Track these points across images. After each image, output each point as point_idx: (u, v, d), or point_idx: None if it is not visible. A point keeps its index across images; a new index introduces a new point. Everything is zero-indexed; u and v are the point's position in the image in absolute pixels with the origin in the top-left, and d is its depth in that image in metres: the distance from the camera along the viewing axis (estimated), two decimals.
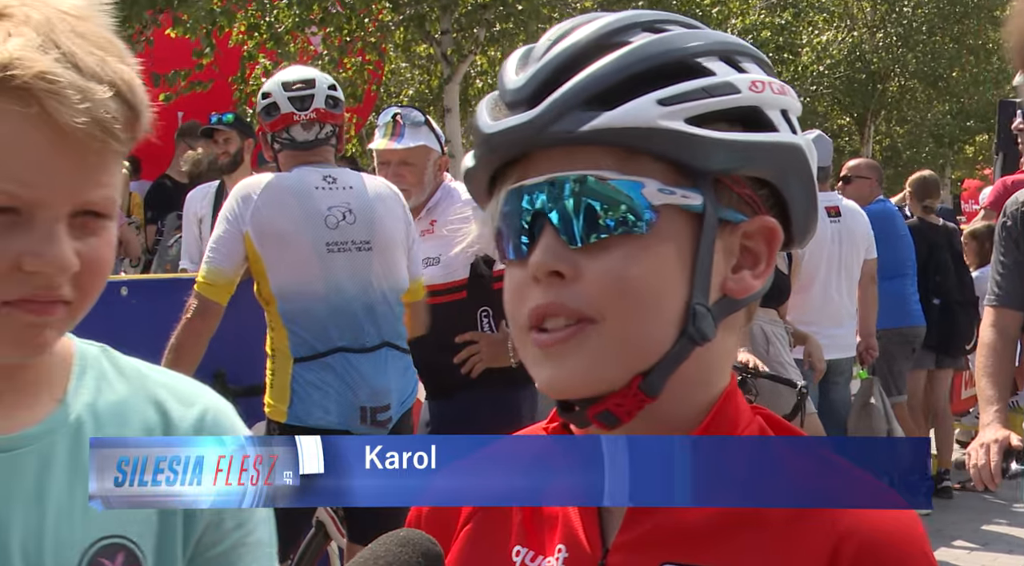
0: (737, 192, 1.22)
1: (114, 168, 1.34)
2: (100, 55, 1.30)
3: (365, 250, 4.58)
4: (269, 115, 4.68)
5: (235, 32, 14.06)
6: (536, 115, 1.19)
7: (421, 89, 18.42)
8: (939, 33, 27.52)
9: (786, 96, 1.25)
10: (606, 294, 1.18)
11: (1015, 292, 4.10)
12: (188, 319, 4.40)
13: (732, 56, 1.24)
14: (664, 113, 1.17)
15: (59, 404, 1.43)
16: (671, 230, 1.19)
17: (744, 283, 1.24)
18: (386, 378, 4.55)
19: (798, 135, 1.25)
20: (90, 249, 1.33)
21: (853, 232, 7.60)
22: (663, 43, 1.21)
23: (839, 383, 7.65)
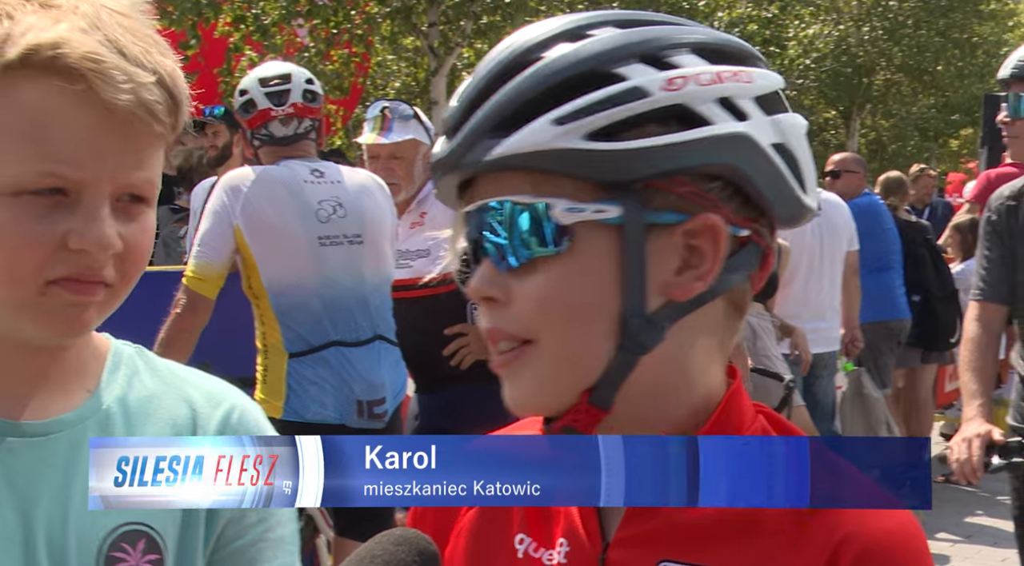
0: (676, 192, 1.19)
1: (156, 154, 1.37)
2: (144, 46, 1.33)
3: (357, 243, 4.57)
4: (247, 112, 4.67)
5: (221, 24, 14.04)
6: (453, 146, 1.22)
7: (408, 81, 18.40)
8: (925, 27, 27.61)
9: (724, 83, 1.20)
10: (535, 316, 1.19)
11: (999, 286, 4.11)
12: (178, 314, 4.38)
13: (657, 54, 1.20)
14: (560, 133, 1.16)
15: (91, 395, 1.46)
16: (592, 246, 1.18)
17: (685, 286, 1.20)
18: (380, 371, 4.56)
19: (750, 120, 1.20)
20: (131, 233, 1.35)
21: (834, 225, 7.62)
22: (571, 56, 1.19)
23: (823, 377, 7.67)
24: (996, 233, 4.09)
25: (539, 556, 1.28)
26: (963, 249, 9.57)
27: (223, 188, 4.46)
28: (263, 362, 4.52)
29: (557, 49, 1.20)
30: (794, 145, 1.23)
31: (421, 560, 1.08)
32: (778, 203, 1.23)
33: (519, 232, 1.19)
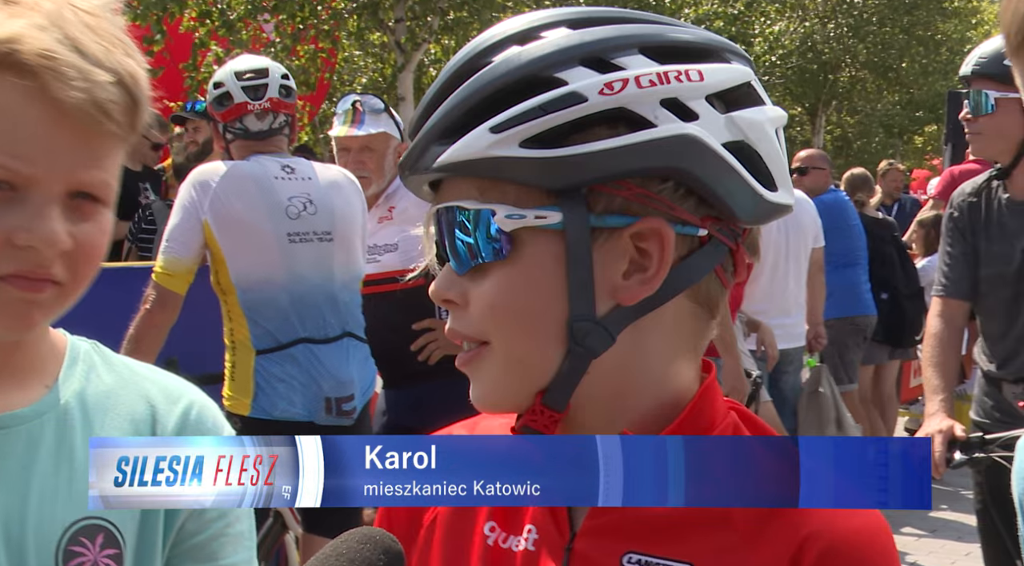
0: (621, 196, 1.18)
1: (113, 155, 1.37)
2: (105, 46, 1.33)
3: (327, 240, 4.56)
4: (221, 105, 4.64)
5: (186, 19, 13.97)
6: (409, 150, 1.24)
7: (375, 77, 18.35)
8: (889, 24, 27.77)
9: (669, 84, 1.18)
10: (485, 319, 1.21)
11: (961, 282, 4.15)
12: (147, 310, 4.36)
13: (602, 55, 1.19)
14: (496, 141, 1.17)
15: (48, 390, 1.46)
16: (535, 251, 1.19)
17: (630, 290, 1.20)
18: (349, 368, 4.54)
19: (696, 120, 1.18)
20: (83, 233, 1.35)
21: (800, 222, 7.65)
22: (511, 61, 1.19)
23: (789, 372, 7.70)
24: (958, 230, 4.13)
25: (507, 545, 1.29)
26: (926, 245, 9.64)
27: (191, 183, 4.43)
28: (231, 359, 4.50)
29: (505, 53, 1.20)
30: (756, 141, 1.22)
31: (387, 558, 1.08)
32: (736, 202, 1.21)
33: (467, 238, 1.20)
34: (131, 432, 1.48)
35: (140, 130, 1.40)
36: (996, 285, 4.07)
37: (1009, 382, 4.06)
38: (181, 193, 4.45)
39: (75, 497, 1.42)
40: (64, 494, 1.41)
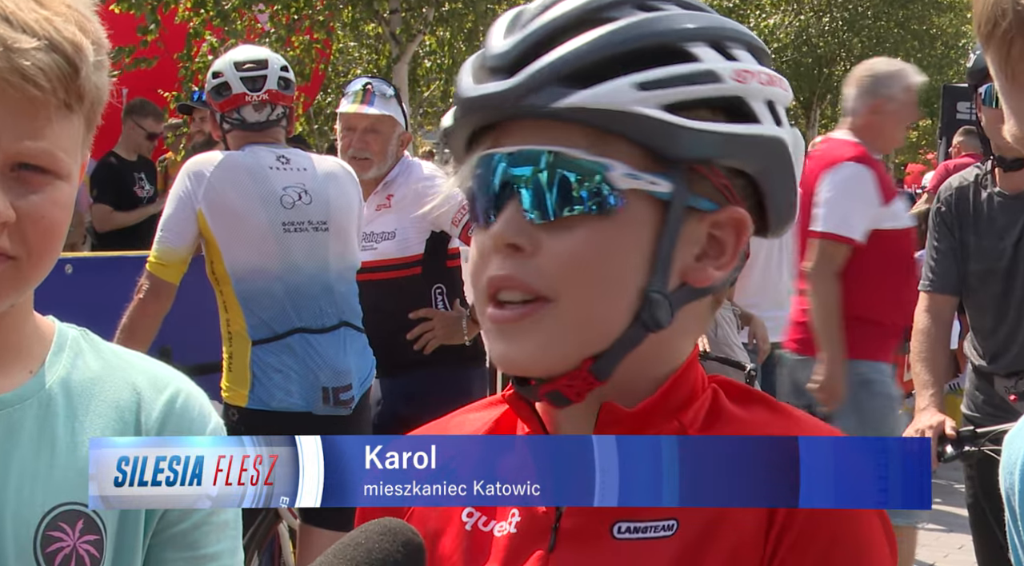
0: (712, 181, 1.21)
1: (56, 124, 1.35)
2: (45, 15, 1.32)
3: (322, 230, 4.56)
4: (219, 95, 4.64)
5: (181, 9, 13.92)
6: (512, 86, 1.19)
7: (369, 68, 18.30)
8: (884, 18, 27.76)
9: (774, 87, 1.23)
10: (562, 273, 1.19)
11: (948, 277, 4.16)
12: (140, 299, 4.36)
13: (722, 42, 1.22)
14: (640, 98, 1.17)
15: (32, 376, 1.46)
16: (635, 214, 1.19)
17: (705, 273, 1.23)
18: (346, 358, 4.54)
19: (783, 127, 1.24)
20: (30, 205, 1.34)
21: None
22: (649, 24, 1.20)
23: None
24: (945, 224, 4.13)
25: (489, 529, 1.28)
26: (920, 239, 9.64)
27: (186, 173, 4.44)
28: (227, 350, 4.50)
29: (630, 14, 1.21)
30: (800, 159, 1.27)
31: (405, 551, 1.07)
32: (781, 211, 1.27)
33: (566, 186, 1.18)
34: (115, 419, 1.47)
35: (91, 99, 1.38)
36: (986, 280, 4.08)
37: (1000, 376, 4.07)
38: (176, 183, 4.46)
39: (55, 483, 1.41)
40: (44, 480, 1.41)
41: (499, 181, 1.21)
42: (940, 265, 4.17)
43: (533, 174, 1.19)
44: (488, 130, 1.23)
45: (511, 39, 1.22)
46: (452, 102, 1.27)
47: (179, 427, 1.50)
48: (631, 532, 1.20)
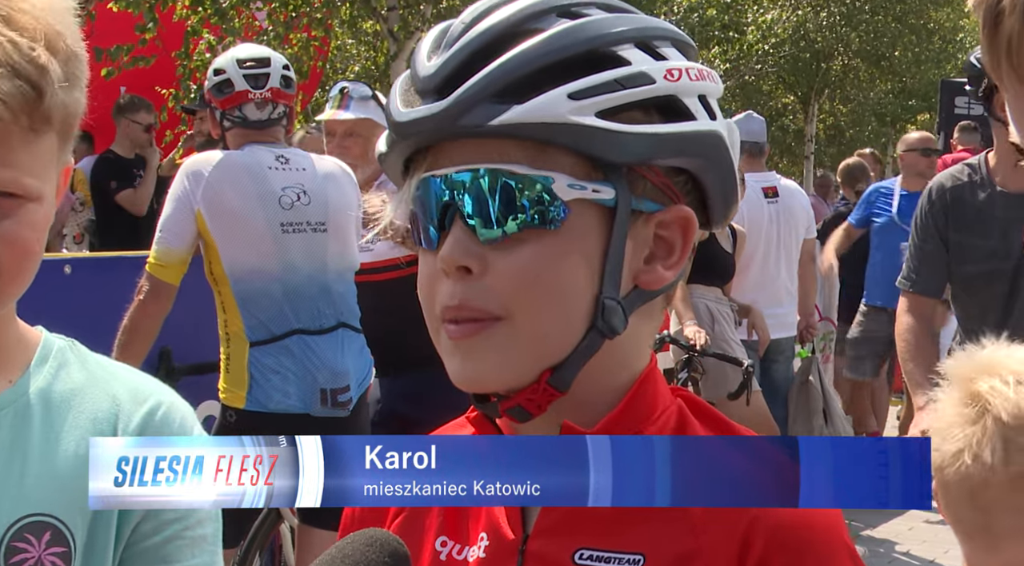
0: (652, 181, 1.21)
1: (24, 148, 1.34)
2: (10, 37, 1.30)
3: (321, 231, 4.55)
4: (221, 92, 4.63)
5: (179, 7, 13.90)
6: (445, 107, 1.18)
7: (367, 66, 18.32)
8: (882, 13, 27.74)
9: (704, 81, 1.23)
10: (514, 291, 1.19)
11: (932, 279, 4.13)
12: (141, 301, 4.36)
13: (649, 42, 1.22)
14: (574, 107, 1.16)
15: (11, 385, 1.45)
16: (582, 224, 1.19)
17: (656, 274, 1.23)
18: (344, 359, 4.53)
19: (717, 120, 1.23)
20: (3, 231, 1.34)
21: (791, 212, 7.66)
22: (577, 32, 1.19)
23: (779, 361, 7.72)
24: (936, 225, 4.08)
25: (461, 557, 1.28)
26: None
27: (184, 173, 4.43)
28: (225, 351, 4.49)
29: (555, 23, 1.20)
30: (737, 148, 1.27)
31: (392, 561, 1.07)
32: (721, 202, 1.27)
33: (510, 202, 1.18)
34: (91, 431, 1.46)
35: (61, 118, 1.37)
36: (991, 280, 4.03)
37: None
38: (174, 183, 4.45)
39: (24, 493, 1.40)
40: (13, 490, 1.40)
41: (441, 203, 1.20)
42: (924, 266, 4.13)
43: (475, 194, 1.18)
44: (424, 151, 1.23)
45: (437, 59, 1.21)
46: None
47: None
48: (593, 561, 1.20)
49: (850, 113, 31.81)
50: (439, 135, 1.20)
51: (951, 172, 4.14)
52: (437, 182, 1.20)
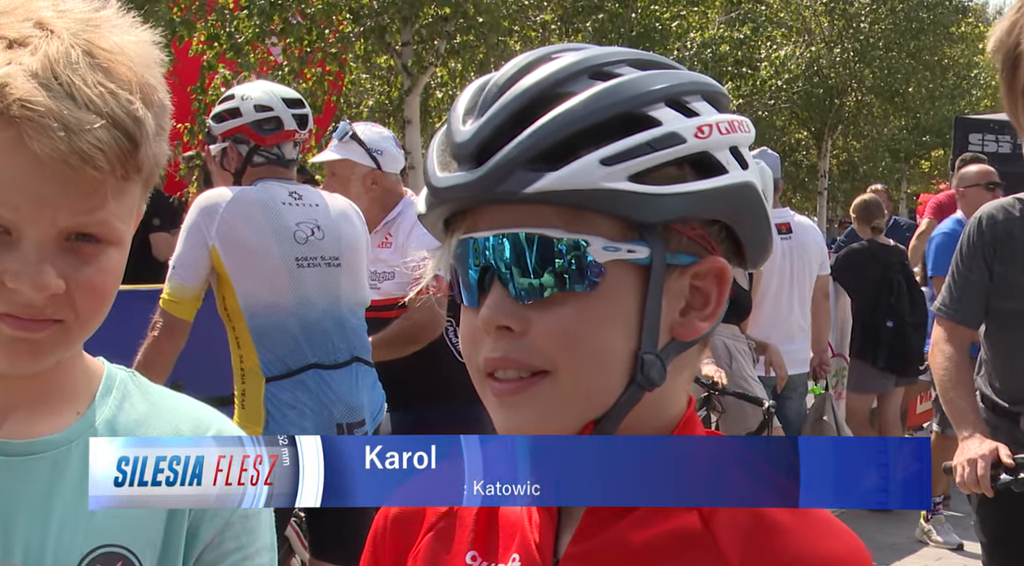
0: (688, 235, 1.23)
1: (112, 195, 1.36)
2: (111, 88, 1.33)
3: (334, 266, 4.55)
4: (262, 128, 4.59)
5: (195, 42, 14.00)
6: (480, 176, 1.20)
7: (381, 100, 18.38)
8: (895, 49, 27.79)
9: (735, 133, 1.24)
10: (556, 348, 1.21)
11: (974, 311, 4.04)
12: (155, 337, 4.35)
13: (680, 98, 1.24)
14: (607, 173, 1.18)
15: (80, 417, 1.48)
16: (618, 283, 1.21)
17: (692, 326, 1.25)
18: (359, 393, 4.52)
19: (749, 169, 1.25)
20: (82, 275, 1.36)
21: (805, 248, 7.64)
22: (607, 95, 1.21)
23: (792, 398, 7.69)
24: (982, 255, 3.95)
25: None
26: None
27: (197, 209, 4.41)
28: (240, 387, 4.47)
29: (588, 85, 1.22)
30: (768, 191, 1.29)
31: None
32: (757, 247, 1.29)
33: (547, 265, 1.20)
34: None
35: (149, 168, 1.40)
36: None
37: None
38: (187, 219, 4.43)
39: (96, 525, 1.43)
40: (85, 521, 1.43)
41: (480, 265, 1.23)
42: (968, 296, 4.02)
43: (513, 256, 1.21)
44: (463, 212, 1.25)
45: (472, 125, 1.23)
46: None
47: None
48: None
49: (864, 149, 31.82)
50: (476, 200, 1.23)
51: (1002, 204, 4.03)
52: (476, 243, 1.23)
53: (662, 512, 1.21)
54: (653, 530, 1.21)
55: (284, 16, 14.36)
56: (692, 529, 1.20)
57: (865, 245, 9.18)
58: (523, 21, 16.94)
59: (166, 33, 5.49)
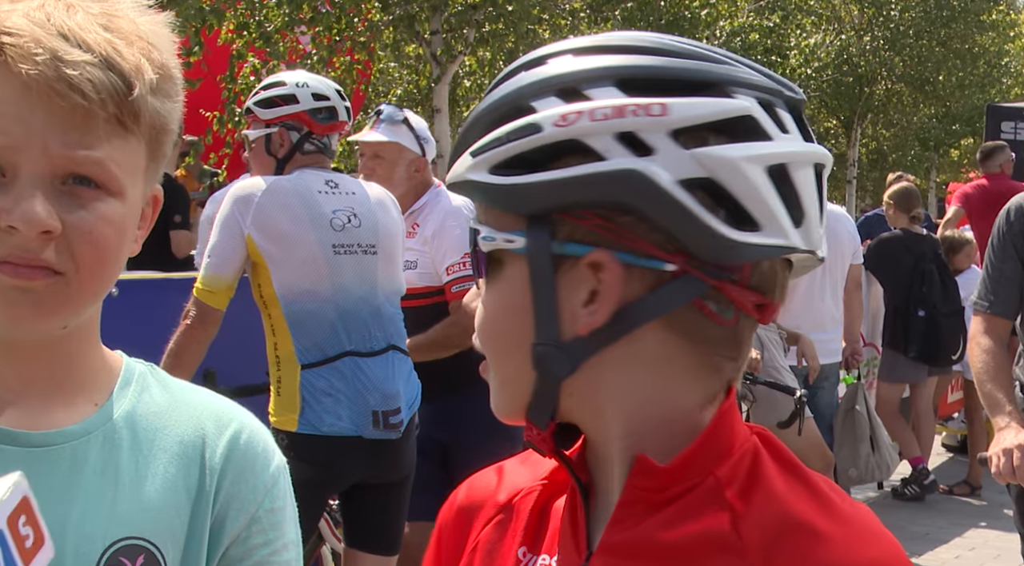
0: (582, 224, 1.19)
1: (107, 139, 1.34)
2: (108, 37, 1.33)
3: (371, 254, 4.55)
4: (318, 117, 4.62)
5: (224, 31, 14.03)
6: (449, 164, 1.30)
7: (410, 89, 18.40)
8: (926, 37, 27.61)
9: (623, 118, 1.17)
10: (477, 334, 1.29)
11: (1010, 303, 4.06)
12: (188, 326, 4.36)
13: (575, 87, 1.20)
14: (472, 164, 1.23)
15: (98, 409, 1.46)
16: (510, 272, 1.23)
17: (585, 319, 1.20)
18: (394, 381, 4.51)
19: (653, 155, 1.17)
20: (78, 219, 1.33)
21: (837, 237, 7.60)
22: (503, 88, 1.25)
23: (824, 388, 7.67)
24: (1015, 246, 4.00)
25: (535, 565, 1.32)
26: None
27: (232, 199, 4.42)
28: (276, 374, 4.47)
29: (516, 78, 1.26)
30: (726, 179, 1.18)
31: None
32: (690, 240, 1.18)
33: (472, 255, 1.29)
34: (179, 454, 1.47)
35: (150, 122, 1.38)
36: None
37: None
38: (222, 209, 4.44)
39: (117, 517, 1.41)
40: (106, 513, 1.41)
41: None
42: (1002, 288, 4.06)
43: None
44: None
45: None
46: None
47: (243, 464, 1.50)
48: None
49: (893, 137, 31.64)
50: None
51: None
52: None
53: (694, 510, 1.20)
54: (682, 530, 1.20)
55: (313, 5, 14.38)
56: (721, 531, 1.18)
57: (898, 234, 9.12)
58: (552, 9, 16.90)
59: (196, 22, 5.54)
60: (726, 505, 1.20)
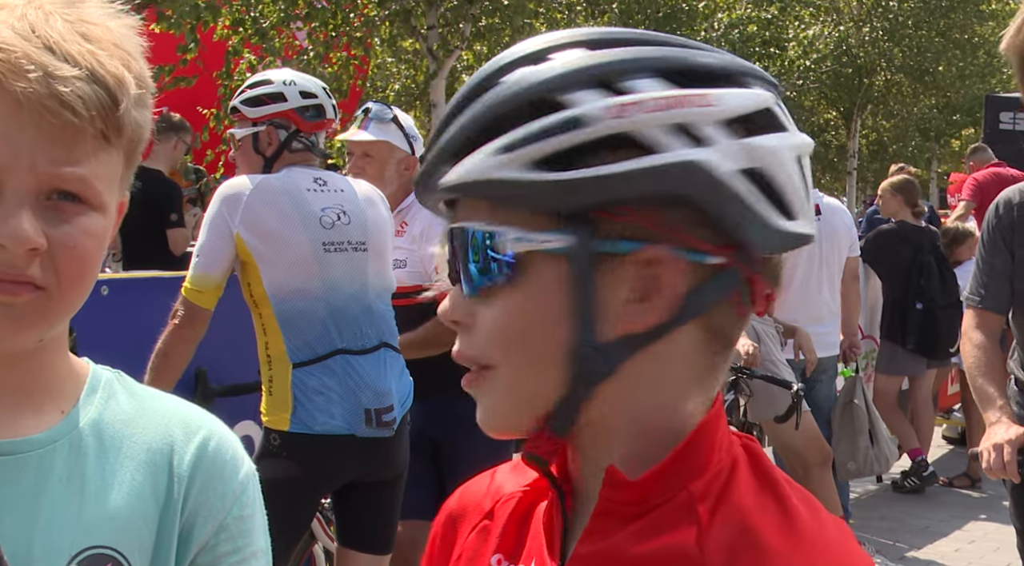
0: (626, 221, 1.15)
1: (93, 155, 1.34)
2: (90, 48, 1.32)
3: (361, 251, 4.53)
4: (306, 114, 4.61)
5: (220, 27, 14.03)
6: (422, 169, 1.23)
7: (407, 84, 18.36)
8: (925, 27, 27.58)
9: (679, 109, 1.15)
10: (491, 342, 1.20)
11: (1000, 297, 4.06)
12: (176, 325, 4.34)
13: (613, 79, 1.16)
14: (501, 162, 1.15)
15: (64, 416, 1.45)
16: (544, 274, 1.17)
17: (635, 317, 1.17)
18: (387, 379, 4.50)
19: (709, 146, 1.15)
20: (62, 234, 1.33)
21: (834, 230, 7.59)
22: (520, 83, 1.17)
23: (822, 381, 7.65)
24: (1003, 240, 4.00)
25: None
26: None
27: (220, 198, 4.40)
28: (267, 373, 4.45)
29: (515, 74, 1.19)
30: (772, 169, 1.17)
31: None
32: (747, 231, 1.17)
33: (476, 259, 1.19)
34: (146, 461, 1.45)
35: (130, 135, 1.37)
36: None
37: None
38: (210, 208, 4.42)
39: (84, 526, 1.40)
40: (72, 522, 1.39)
41: (446, 259, 1.25)
42: (993, 282, 4.05)
43: (458, 250, 1.21)
44: (450, 204, 1.26)
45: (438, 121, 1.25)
46: None
47: (211, 471, 1.49)
48: None
49: (893, 128, 31.62)
50: (426, 195, 1.25)
51: (1020, 188, 4.04)
52: (449, 235, 1.24)
53: (665, 524, 1.17)
54: (650, 544, 1.17)
55: (309, 0, 14.36)
56: (685, 546, 1.16)
57: (896, 227, 9.09)
58: (549, 3, 16.89)
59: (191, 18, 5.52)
60: (696, 520, 1.17)
